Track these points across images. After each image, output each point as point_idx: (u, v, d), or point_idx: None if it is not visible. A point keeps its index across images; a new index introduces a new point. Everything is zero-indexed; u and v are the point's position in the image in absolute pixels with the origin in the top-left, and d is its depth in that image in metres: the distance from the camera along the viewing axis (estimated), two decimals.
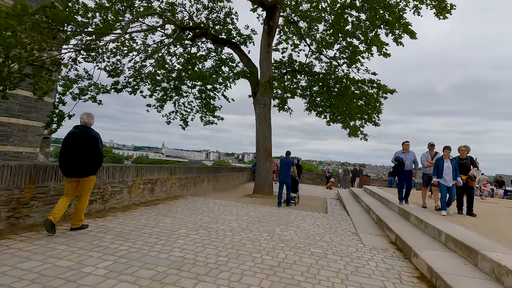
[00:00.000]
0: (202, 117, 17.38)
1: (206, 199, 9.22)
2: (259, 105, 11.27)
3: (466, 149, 7.01)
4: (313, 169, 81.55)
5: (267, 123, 11.28)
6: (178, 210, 6.82)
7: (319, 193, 15.82)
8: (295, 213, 8.03)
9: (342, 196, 13.04)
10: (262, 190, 11.09)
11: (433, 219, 5.94)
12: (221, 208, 7.77)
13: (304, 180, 21.53)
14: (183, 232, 4.96)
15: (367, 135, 14.59)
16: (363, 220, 7.67)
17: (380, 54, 12.38)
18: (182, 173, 9.40)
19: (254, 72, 11.63)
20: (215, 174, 12.62)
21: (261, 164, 11.22)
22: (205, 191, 11.19)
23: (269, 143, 11.33)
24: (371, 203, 9.62)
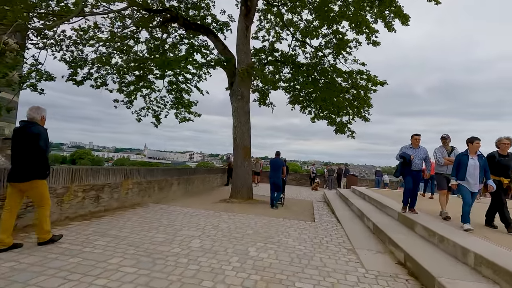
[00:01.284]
0: (177, 114, 15.87)
1: (171, 206, 7.71)
2: (236, 97, 9.86)
3: (510, 142, 5.13)
4: (298, 169, 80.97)
5: (245, 117, 9.89)
6: (126, 225, 5.30)
7: (304, 195, 14.60)
8: (277, 222, 6.67)
9: (329, 199, 11.85)
10: (240, 194, 9.68)
11: (448, 231, 4.74)
12: (186, 219, 6.30)
13: (289, 181, 20.27)
14: (115, 262, 3.47)
15: (355, 132, 13.51)
16: (357, 230, 6.42)
17: (369, 43, 11.29)
18: (143, 176, 7.85)
19: (230, 60, 10.21)
20: (188, 176, 11.10)
21: (239, 164, 9.82)
22: (174, 196, 9.66)
23: (248, 141, 9.95)
24: (363, 207, 8.43)
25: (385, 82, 11.22)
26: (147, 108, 14.87)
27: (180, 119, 16.02)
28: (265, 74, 9.38)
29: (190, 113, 15.74)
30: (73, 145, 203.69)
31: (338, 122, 13.74)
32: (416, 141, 6.33)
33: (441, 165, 6.12)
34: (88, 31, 11.96)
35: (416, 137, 6.35)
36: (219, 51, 10.82)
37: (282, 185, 9.12)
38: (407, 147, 6.43)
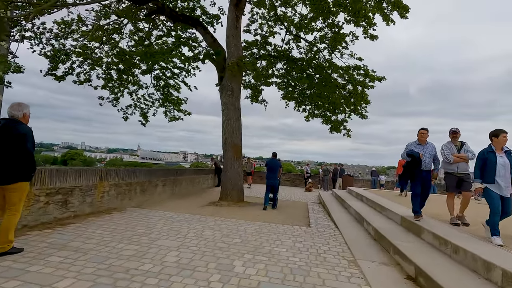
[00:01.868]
0: (166, 112, 15.21)
1: (153, 211, 7.01)
2: (225, 92, 9.21)
3: None
4: (292, 170, 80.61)
5: (236, 114, 9.24)
6: (94, 234, 4.61)
7: (298, 196, 14.01)
8: (269, 228, 6.04)
9: (325, 200, 11.27)
10: (229, 197, 9.02)
11: (464, 240, 4.16)
12: (167, 225, 5.62)
13: (282, 181, 19.68)
14: (61, 287, 2.79)
15: (351, 130, 12.97)
16: (357, 236, 5.82)
17: (366, 36, 10.75)
18: (122, 178, 7.15)
19: (220, 53, 9.55)
20: (175, 177, 10.40)
21: (229, 165, 9.16)
22: (160, 198, 8.96)
23: (239, 139, 9.30)
24: (361, 210, 7.85)
25: (383, 77, 10.69)
26: (134, 106, 14.18)
27: (170, 117, 15.36)
28: (257, 68, 8.76)
29: (179, 111, 15.09)
30: (65, 146, 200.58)
31: (333, 121, 13.20)
32: (423, 137, 5.55)
33: (450, 163, 5.31)
34: (71, 25, 11.22)
35: (423, 132, 5.55)
36: (208, 44, 10.16)
37: (277, 185, 9.02)
38: (413, 143, 5.66)
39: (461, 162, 5.24)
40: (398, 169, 13.76)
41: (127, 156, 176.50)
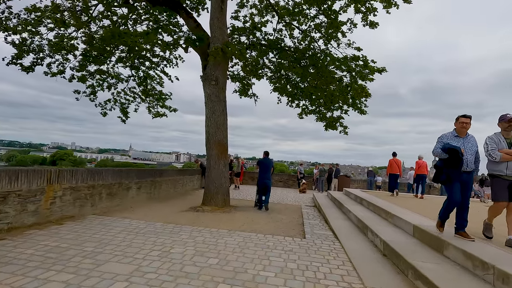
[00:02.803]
0: (149, 108, 14.04)
1: (118, 220, 5.87)
2: (209, 81, 8.11)
3: None
4: (285, 170, 79.89)
5: (220, 106, 8.15)
6: (21, 256, 3.45)
7: (291, 198, 12.98)
8: (255, 241, 4.96)
9: (321, 204, 10.26)
10: (214, 201, 7.93)
11: (509, 261, 3.16)
12: (127, 240, 4.50)
13: (275, 182, 18.68)
14: None
15: (348, 127, 11.99)
16: (363, 251, 4.79)
17: (366, 24, 9.79)
18: (82, 180, 5.99)
19: (203, 39, 8.45)
20: (153, 178, 9.26)
21: (213, 165, 8.06)
22: (133, 203, 7.81)
23: (224, 135, 8.22)
24: (363, 216, 6.85)
25: (384, 69, 9.71)
26: (114, 100, 13.00)
27: (153, 114, 14.22)
28: (244, 53, 7.68)
29: (163, 106, 13.98)
30: (55, 146, 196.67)
31: (328, 117, 12.23)
32: (465, 127, 4.17)
33: (497, 163, 4.02)
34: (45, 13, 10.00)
35: (465, 121, 4.16)
36: (191, 29, 9.04)
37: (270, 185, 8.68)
38: (449, 135, 4.28)
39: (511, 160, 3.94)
40: (388, 168, 12.87)
41: (118, 157, 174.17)
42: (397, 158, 13.50)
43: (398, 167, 13.61)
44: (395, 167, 13.27)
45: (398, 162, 13.65)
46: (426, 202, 9.60)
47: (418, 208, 7.31)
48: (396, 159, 13.46)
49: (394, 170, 13.17)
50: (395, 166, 13.26)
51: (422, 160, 14.04)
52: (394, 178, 13.17)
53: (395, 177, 13.20)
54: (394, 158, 13.38)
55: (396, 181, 13.64)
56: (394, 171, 13.14)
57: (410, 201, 9.41)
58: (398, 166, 13.61)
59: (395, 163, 13.40)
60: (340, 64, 9.80)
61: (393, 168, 13.12)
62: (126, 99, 13.41)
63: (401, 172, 14.36)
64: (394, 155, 13.46)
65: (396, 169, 13.33)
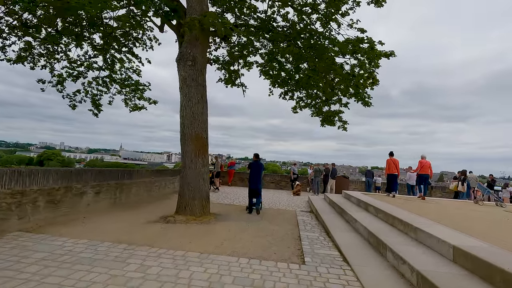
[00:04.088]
0: (126, 100, 12.44)
1: (50, 238, 4.31)
2: (184, 62, 6.59)
3: None
4: (277, 170, 78.66)
5: (198, 92, 6.64)
6: None
7: (284, 202, 11.55)
8: (235, 273, 3.48)
9: (318, 209, 8.85)
10: (189, 208, 6.42)
11: None
12: (39, 275, 2.96)
13: (267, 184, 17.24)
14: None
15: (347, 122, 10.65)
16: (389, 286, 3.36)
17: (371, 2, 8.43)
18: (5, 184, 4.42)
19: (177, 10, 6.93)
20: (120, 181, 7.69)
21: (188, 164, 6.55)
22: (88, 212, 6.24)
23: (203, 128, 6.71)
24: (375, 228, 5.45)
25: (392, 53, 8.34)
26: (85, 91, 11.38)
27: (131, 107, 12.62)
28: (226, 22, 6.18)
29: (141, 98, 12.40)
30: (43, 146, 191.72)
31: (325, 111, 10.88)
32: None
33: None
34: None
35: None
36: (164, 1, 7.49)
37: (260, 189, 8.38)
38: None
39: None
40: (387, 168, 11.65)
41: (108, 157, 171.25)
42: (395, 158, 12.42)
43: (396, 167, 12.59)
44: (393, 167, 12.25)
45: (396, 162, 12.63)
46: (440, 207, 8.28)
47: (438, 216, 5.95)
48: (394, 158, 12.43)
49: (392, 170, 12.13)
50: (392, 166, 12.27)
51: (425, 160, 12.91)
52: (393, 179, 12.13)
53: (394, 177, 12.14)
54: (392, 157, 12.35)
55: (396, 182, 12.58)
56: (392, 171, 12.09)
57: (421, 205, 8.08)
58: (396, 166, 12.59)
59: (393, 163, 12.40)
60: (342, 48, 8.37)
61: (391, 168, 12.08)
62: (98, 90, 11.83)
63: (399, 172, 13.40)
64: (391, 154, 12.40)
65: (393, 169, 12.29)
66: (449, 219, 5.83)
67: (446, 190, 17.26)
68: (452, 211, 7.18)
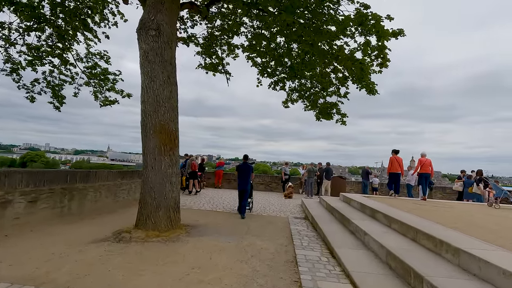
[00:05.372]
0: (95, 93, 10.95)
1: None
2: (145, 31, 5.11)
3: None
4: (268, 171, 77.54)
5: (165, 71, 5.16)
6: None
7: (275, 206, 10.18)
8: None
9: (315, 216, 7.50)
10: (152, 221, 4.94)
11: None
12: None
13: (256, 185, 15.80)
14: None
15: (346, 115, 9.40)
16: None
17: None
18: None
19: None
20: (67, 185, 6.13)
21: (151, 164, 5.06)
22: (18, 226, 4.70)
23: (171, 117, 5.22)
24: (393, 245, 4.12)
25: (402, 31, 7.03)
26: (47, 82, 9.85)
27: (101, 101, 11.11)
28: None
29: (112, 90, 10.90)
30: (27, 147, 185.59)
31: (321, 103, 9.62)
32: None
33: None
34: None
35: None
36: None
37: (250, 189, 8.35)
38: None
39: None
40: (389, 167, 11.06)
41: (95, 158, 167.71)
42: (398, 156, 11.35)
43: (400, 165, 11.55)
44: (396, 166, 11.21)
45: (400, 160, 11.60)
46: (458, 212, 7.03)
47: (467, 225, 4.66)
48: (397, 157, 11.37)
49: (395, 168, 11.09)
50: (396, 165, 11.24)
51: (426, 158, 11.91)
52: (396, 178, 11.17)
53: (397, 176, 11.15)
54: (395, 155, 11.31)
55: (398, 181, 11.55)
56: (395, 170, 11.07)
57: (435, 210, 6.82)
58: (399, 164, 11.53)
59: (396, 161, 11.35)
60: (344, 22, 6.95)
61: (394, 167, 11.04)
62: (60, 80, 10.25)
63: (403, 171, 12.40)
64: (396, 152, 11.36)
65: (397, 168, 11.29)
66: (483, 230, 4.55)
67: (446, 190, 16.25)
68: (479, 219, 5.92)
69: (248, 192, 8.20)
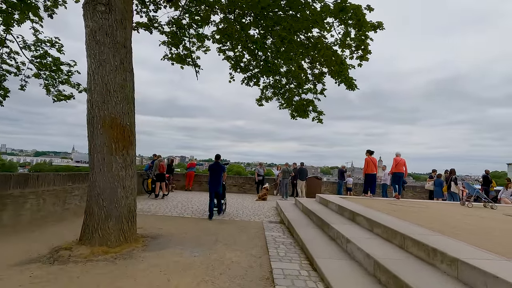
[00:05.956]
0: (47, 86, 9.77)
1: None
2: (93, 6, 4.25)
3: None
4: (242, 171, 76.85)
5: (116, 56, 4.33)
6: None
7: (248, 209, 9.55)
8: None
9: (291, 219, 6.98)
10: (100, 235, 4.09)
11: None
12: None
13: (229, 187, 15.05)
14: None
15: (323, 113, 9.02)
16: None
17: None
18: None
19: None
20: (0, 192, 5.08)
21: (98, 165, 4.20)
22: None
23: (125, 110, 4.40)
24: (381, 255, 3.64)
25: (380, 24, 6.70)
26: None
27: (54, 95, 9.95)
28: None
29: (66, 83, 9.80)
30: None
31: (296, 101, 9.20)
32: None
33: None
34: None
35: None
36: None
37: (222, 190, 8.15)
38: None
39: None
40: (365, 167, 11.03)
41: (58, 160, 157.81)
42: (373, 157, 11.35)
43: (375, 166, 11.59)
44: (372, 167, 11.24)
45: (375, 160, 11.65)
46: (435, 212, 6.82)
47: (451, 227, 4.32)
48: (372, 157, 11.40)
49: (371, 169, 11.07)
50: (371, 165, 11.29)
51: (400, 158, 12.00)
52: (372, 179, 11.14)
53: (373, 177, 11.13)
54: (370, 156, 11.26)
55: (374, 182, 11.53)
56: (371, 171, 11.04)
57: (413, 211, 6.56)
58: (375, 165, 11.57)
59: (372, 162, 11.36)
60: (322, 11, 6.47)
61: (370, 168, 11.03)
62: (3, 70, 9.02)
63: (377, 171, 12.48)
64: (371, 153, 11.39)
65: (373, 169, 11.29)
66: (475, 235, 4.22)
67: (417, 189, 16.53)
68: (463, 221, 5.67)
69: (220, 194, 7.96)
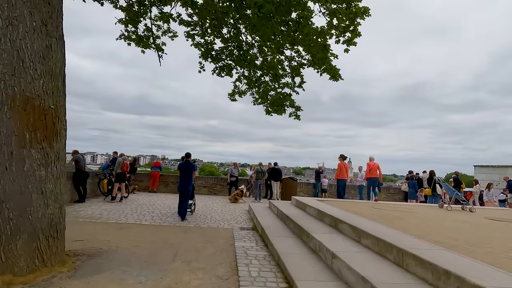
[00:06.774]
0: None
1: None
2: None
3: None
4: (214, 172, 75.22)
5: (36, 12, 3.20)
6: None
7: (218, 212, 8.60)
8: None
9: (265, 226, 6.14)
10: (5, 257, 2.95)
11: None
12: None
13: (198, 188, 13.93)
14: None
15: (300, 108, 8.36)
16: None
17: None
18: None
19: None
20: None
21: (3, 162, 3.07)
22: None
23: (46, 87, 3.29)
24: (376, 277, 2.87)
25: (367, 10, 6.05)
26: None
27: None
28: None
29: None
30: None
31: (272, 95, 8.49)
32: None
33: None
34: None
35: None
36: None
37: (191, 190, 7.76)
38: None
39: None
40: (338, 173, 11.08)
41: None
42: (345, 162, 11.39)
43: (347, 172, 11.57)
44: (344, 172, 11.17)
45: (347, 166, 11.72)
46: (423, 218, 6.29)
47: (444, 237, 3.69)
48: (345, 163, 11.36)
49: (343, 175, 11.10)
50: (343, 171, 11.17)
51: (373, 162, 11.82)
52: (344, 184, 11.30)
53: (344, 183, 11.23)
54: (343, 162, 11.23)
55: (345, 188, 11.57)
56: (342, 176, 11.09)
57: (398, 217, 5.98)
58: (346, 170, 11.54)
59: (344, 167, 11.29)
60: None
61: (342, 173, 11.06)
62: None
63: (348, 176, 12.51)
64: (344, 158, 11.38)
65: (344, 174, 11.20)
66: (476, 246, 3.60)
67: (390, 190, 16.44)
68: (454, 228, 5.12)
69: (190, 193, 7.61)
